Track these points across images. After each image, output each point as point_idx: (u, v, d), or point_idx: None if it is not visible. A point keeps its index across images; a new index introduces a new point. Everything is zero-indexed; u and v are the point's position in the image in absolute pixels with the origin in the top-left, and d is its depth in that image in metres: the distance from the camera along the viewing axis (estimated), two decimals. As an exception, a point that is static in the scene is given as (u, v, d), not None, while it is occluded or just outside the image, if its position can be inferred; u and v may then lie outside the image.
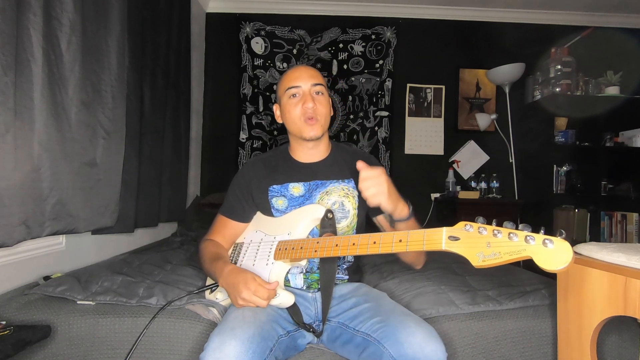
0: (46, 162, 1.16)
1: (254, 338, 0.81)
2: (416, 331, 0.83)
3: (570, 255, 0.59)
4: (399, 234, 0.81)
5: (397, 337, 0.83)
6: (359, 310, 0.98)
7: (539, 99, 2.93)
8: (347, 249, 0.88)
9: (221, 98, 3.09)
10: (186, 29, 2.41)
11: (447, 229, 0.73)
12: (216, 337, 0.81)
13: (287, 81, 1.12)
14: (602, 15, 3.13)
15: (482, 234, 0.68)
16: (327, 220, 1.02)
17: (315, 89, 1.10)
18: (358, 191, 1.12)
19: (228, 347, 0.77)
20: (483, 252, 0.66)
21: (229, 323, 0.85)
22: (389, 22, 3.13)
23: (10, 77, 1.00)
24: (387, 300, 1.02)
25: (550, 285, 1.24)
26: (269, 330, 0.87)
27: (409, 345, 0.81)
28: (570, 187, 2.88)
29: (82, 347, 1.02)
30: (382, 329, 0.87)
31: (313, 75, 1.11)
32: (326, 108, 1.12)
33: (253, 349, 0.79)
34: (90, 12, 1.33)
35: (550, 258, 0.60)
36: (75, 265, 1.47)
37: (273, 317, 0.93)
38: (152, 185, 1.91)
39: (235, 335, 0.80)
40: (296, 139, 1.16)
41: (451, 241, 0.71)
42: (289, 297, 0.96)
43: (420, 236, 0.77)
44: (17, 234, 1.07)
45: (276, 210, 1.14)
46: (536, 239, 0.62)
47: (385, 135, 3.14)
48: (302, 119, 1.09)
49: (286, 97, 1.12)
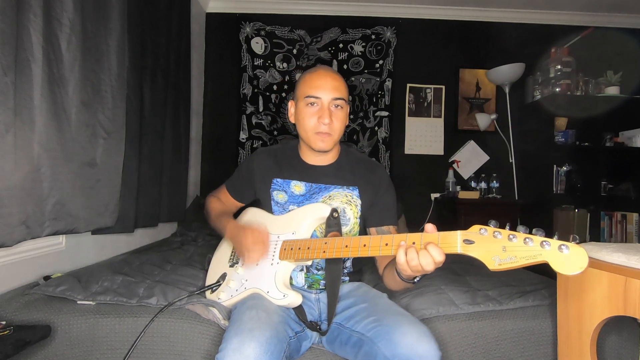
0: (46, 162, 1.16)
1: (272, 340, 0.81)
2: (409, 331, 0.83)
3: (586, 261, 0.61)
4: (411, 236, 0.79)
5: (391, 336, 0.83)
6: (356, 310, 0.98)
7: (538, 99, 2.93)
8: (357, 250, 0.86)
9: (221, 98, 3.09)
10: (186, 29, 2.41)
11: (461, 232, 0.73)
12: (235, 337, 0.80)
13: (308, 87, 1.07)
14: (602, 15, 3.13)
15: (497, 237, 0.68)
16: (332, 220, 1.01)
17: (335, 103, 1.06)
18: (360, 199, 1.13)
19: (247, 349, 0.77)
20: (499, 256, 0.67)
21: (245, 324, 0.84)
22: (389, 22, 3.13)
23: (10, 77, 1.00)
24: (383, 300, 1.02)
25: (550, 285, 1.24)
26: (282, 332, 0.87)
27: (402, 345, 0.81)
28: (570, 187, 2.88)
29: (82, 347, 1.02)
30: (375, 328, 0.88)
31: (335, 88, 1.06)
32: (342, 122, 1.08)
33: (271, 350, 0.79)
34: (90, 12, 1.33)
35: (566, 263, 0.62)
36: (75, 265, 1.47)
37: (284, 318, 0.93)
38: (152, 185, 1.91)
39: (254, 336, 0.79)
40: (305, 144, 1.14)
41: (466, 245, 0.71)
42: (297, 297, 0.97)
43: (435, 238, 0.76)
44: (17, 234, 1.07)
45: (275, 202, 1.14)
46: (552, 244, 0.63)
47: (385, 135, 3.14)
48: (314, 131, 1.07)
49: (303, 104, 1.08)
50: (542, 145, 2.91)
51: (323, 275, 1.12)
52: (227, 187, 1.30)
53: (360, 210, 1.13)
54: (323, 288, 1.12)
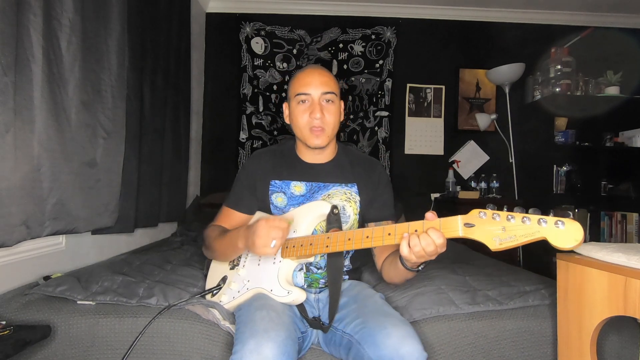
0: (46, 162, 1.16)
1: (287, 340, 0.81)
2: (392, 332, 0.83)
3: (582, 233, 0.64)
4: (413, 225, 0.82)
5: (375, 338, 0.83)
6: (346, 311, 0.99)
7: (538, 99, 2.93)
8: (361, 242, 0.88)
9: (221, 98, 3.09)
10: (186, 29, 2.41)
11: (461, 216, 0.76)
12: (251, 339, 0.80)
13: (297, 85, 1.09)
14: (602, 15, 3.13)
15: (495, 219, 0.71)
16: (332, 216, 1.02)
17: (325, 97, 1.07)
18: (360, 196, 1.13)
19: (265, 350, 0.77)
20: (499, 236, 0.70)
21: (259, 324, 0.84)
22: (389, 22, 3.12)
23: (10, 77, 1.00)
24: (372, 300, 1.02)
25: (550, 285, 1.24)
26: (294, 332, 0.88)
27: (385, 347, 0.81)
28: (570, 187, 2.88)
29: (82, 347, 1.02)
30: (361, 330, 0.88)
31: (324, 82, 1.08)
32: (335, 116, 1.09)
33: (288, 351, 0.79)
34: (90, 12, 1.33)
35: (563, 237, 0.65)
36: (75, 265, 1.47)
37: (292, 318, 0.94)
38: (152, 185, 1.91)
39: (271, 337, 0.80)
40: (302, 142, 1.15)
41: (467, 228, 0.74)
42: (301, 293, 0.97)
43: (437, 224, 0.79)
44: (17, 234, 1.07)
45: (275, 207, 1.14)
46: (548, 221, 0.66)
47: (385, 135, 3.14)
48: (308, 127, 1.07)
49: (295, 102, 1.09)
50: (542, 145, 2.91)
51: (322, 274, 1.12)
52: (229, 204, 1.19)
53: (359, 207, 1.14)
54: (322, 287, 1.13)
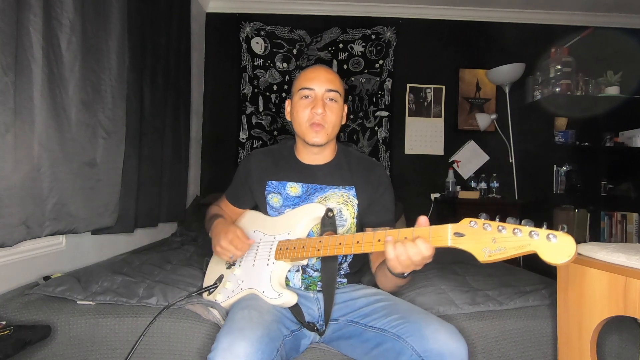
0: (46, 162, 1.16)
1: (263, 339, 0.81)
2: (440, 328, 0.85)
3: (574, 248, 0.60)
4: (403, 232, 0.82)
5: (422, 333, 0.84)
6: (374, 307, 0.99)
7: (539, 99, 2.93)
8: (351, 247, 0.87)
9: (221, 98, 3.09)
10: (186, 29, 2.41)
11: (452, 225, 0.74)
12: (225, 337, 0.80)
13: (302, 80, 1.10)
14: (602, 15, 3.13)
15: (486, 230, 0.69)
16: (327, 219, 1.02)
17: (328, 95, 1.07)
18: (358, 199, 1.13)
19: (238, 348, 0.77)
20: (489, 247, 0.68)
21: (236, 323, 0.85)
22: (389, 22, 3.12)
23: (10, 77, 1.00)
24: (401, 300, 1.04)
25: (550, 285, 1.24)
26: (275, 331, 0.87)
27: (434, 341, 0.82)
28: (570, 187, 2.88)
29: (82, 347, 1.02)
30: (402, 325, 0.88)
31: (330, 80, 1.08)
32: (336, 116, 1.09)
33: (262, 349, 0.79)
34: (90, 12, 1.33)
35: (554, 252, 0.62)
36: (75, 265, 1.47)
37: (278, 317, 0.93)
38: (152, 185, 1.91)
39: (245, 335, 0.80)
40: (301, 141, 1.15)
41: (457, 237, 0.72)
42: (292, 297, 0.97)
43: (426, 232, 0.78)
44: (17, 234, 1.07)
45: (271, 207, 1.14)
46: (540, 234, 0.63)
47: (385, 135, 3.14)
48: (308, 123, 1.07)
49: (298, 97, 1.09)
50: (542, 145, 2.91)
51: (319, 277, 1.11)
52: (227, 195, 1.28)
53: (357, 210, 1.13)
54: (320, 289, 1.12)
